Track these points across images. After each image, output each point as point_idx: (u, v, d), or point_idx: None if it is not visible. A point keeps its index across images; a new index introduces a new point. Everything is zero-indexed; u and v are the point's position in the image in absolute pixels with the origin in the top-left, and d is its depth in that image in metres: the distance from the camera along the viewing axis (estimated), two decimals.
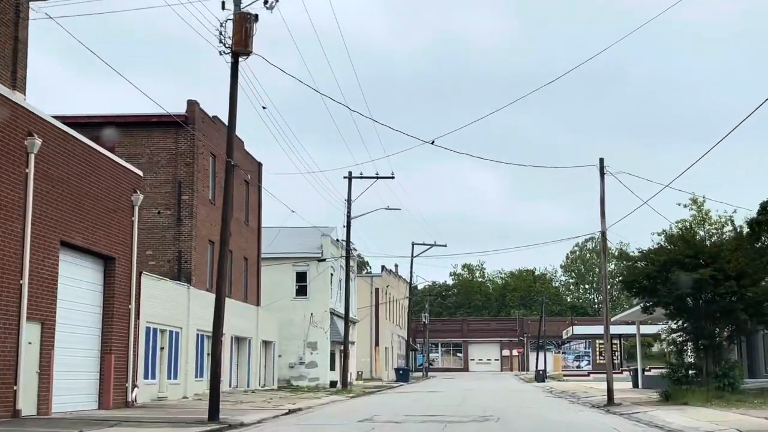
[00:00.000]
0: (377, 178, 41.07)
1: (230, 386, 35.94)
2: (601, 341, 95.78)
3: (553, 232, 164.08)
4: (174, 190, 31.12)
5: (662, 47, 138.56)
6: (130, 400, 24.63)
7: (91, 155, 22.77)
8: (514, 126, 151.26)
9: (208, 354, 33.62)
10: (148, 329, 27.08)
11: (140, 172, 26.20)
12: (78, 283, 22.38)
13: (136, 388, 25.23)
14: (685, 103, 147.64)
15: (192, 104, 31.41)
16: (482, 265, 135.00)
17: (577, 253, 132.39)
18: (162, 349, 28.69)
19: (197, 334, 31.64)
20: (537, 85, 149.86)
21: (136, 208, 25.27)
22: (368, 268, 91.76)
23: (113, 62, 20.85)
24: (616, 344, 74.30)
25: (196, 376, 31.47)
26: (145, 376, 26.91)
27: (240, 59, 20.60)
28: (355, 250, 70.69)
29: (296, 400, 29.90)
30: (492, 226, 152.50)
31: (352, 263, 56.78)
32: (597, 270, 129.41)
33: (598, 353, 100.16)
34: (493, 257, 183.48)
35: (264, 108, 25.09)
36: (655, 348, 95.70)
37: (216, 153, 33.47)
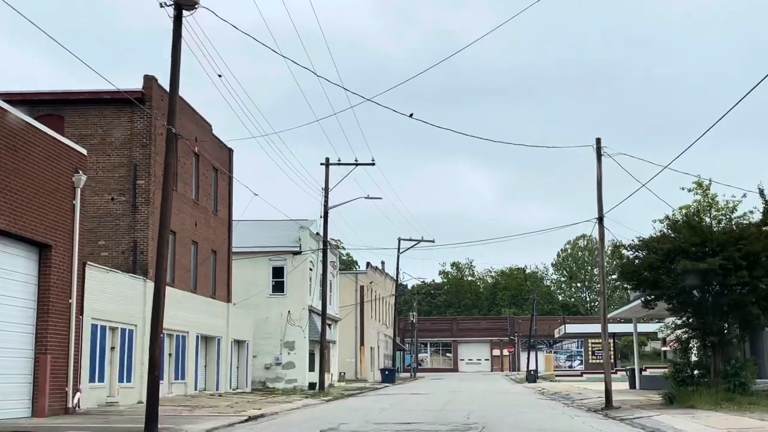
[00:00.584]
0: (356, 164, 38.44)
1: (196, 389, 33.17)
2: (593, 340, 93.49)
3: (545, 232, 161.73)
4: (129, 173, 28.32)
5: (657, 46, 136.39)
6: (70, 406, 21.87)
7: (20, 128, 19.99)
8: (511, 127, 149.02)
9: (170, 354, 30.96)
10: (94, 327, 24.30)
11: (84, 150, 23.39)
12: (5, 274, 19.63)
13: (78, 393, 22.47)
14: (684, 103, 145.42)
15: (149, 80, 28.60)
16: (471, 263, 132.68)
17: (569, 251, 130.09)
18: (113, 348, 25.92)
19: None
20: (528, 84, 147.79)
21: (78, 190, 22.47)
22: (356, 267, 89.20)
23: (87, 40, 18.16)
24: (609, 343, 71.89)
25: None
26: (91, 379, 24.14)
27: (184, 13, 17.86)
28: (343, 248, 67.87)
29: (264, 405, 27.17)
30: (483, 226, 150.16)
31: (333, 258, 54.11)
32: (589, 268, 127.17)
33: (590, 353, 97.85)
34: (483, 255, 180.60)
35: (220, 76, 22.34)
36: (648, 347, 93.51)
37: (179, 134, 30.62)
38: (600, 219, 26.64)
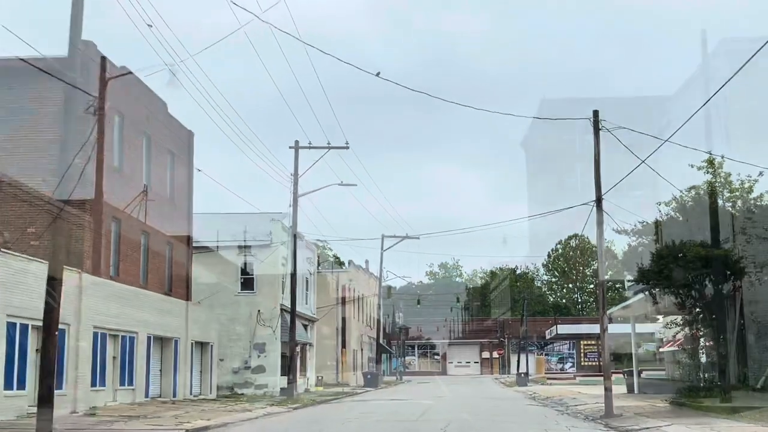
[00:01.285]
0: (329, 148, 35.02)
1: (147, 396, 29.67)
2: (585, 342, 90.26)
3: (537, 234, 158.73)
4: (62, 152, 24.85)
5: (656, 46, 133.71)
6: None
7: None
8: (507, 129, 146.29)
9: (114, 357, 27.49)
10: (11, 325, 20.89)
11: None
12: None
13: None
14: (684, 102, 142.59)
15: (86, 47, 25.14)
16: (457, 262, 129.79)
17: (560, 251, 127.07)
18: (37, 351, 22.42)
19: (94, 333, 25.44)
20: (524, 86, 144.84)
21: None
22: (344, 267, 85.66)
23: None
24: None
25: (93, 385, 25.28)
26: (8, 386, 20.72)
27: None
28: (331, 249, 64.31)
29: (217, 415, 23.75)
30: (477, 230, 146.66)
31: (310, 254, 50.77)
32: (581, 269, 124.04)
33: (582, 354, 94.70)
34: (474, 253, 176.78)
35: (150, 26, 19.06)
36: (642, 349, 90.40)
37: (124, 111, 27.36)
38: (598, 200, 23.39)
